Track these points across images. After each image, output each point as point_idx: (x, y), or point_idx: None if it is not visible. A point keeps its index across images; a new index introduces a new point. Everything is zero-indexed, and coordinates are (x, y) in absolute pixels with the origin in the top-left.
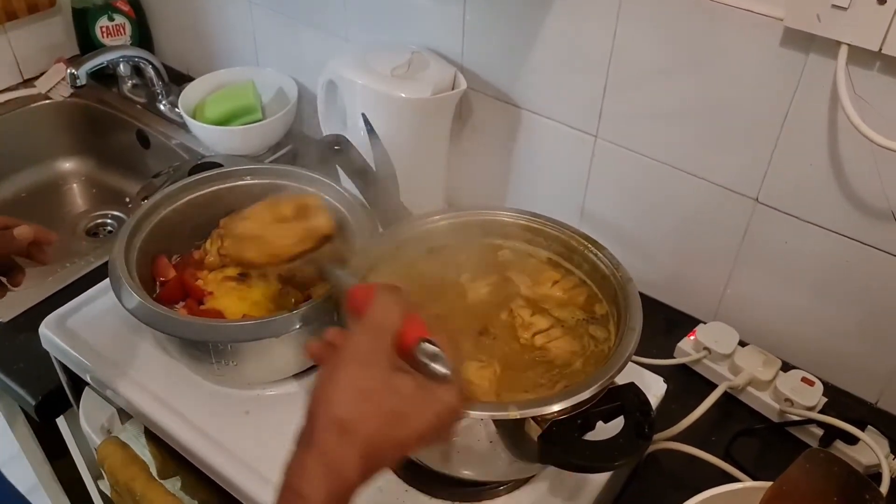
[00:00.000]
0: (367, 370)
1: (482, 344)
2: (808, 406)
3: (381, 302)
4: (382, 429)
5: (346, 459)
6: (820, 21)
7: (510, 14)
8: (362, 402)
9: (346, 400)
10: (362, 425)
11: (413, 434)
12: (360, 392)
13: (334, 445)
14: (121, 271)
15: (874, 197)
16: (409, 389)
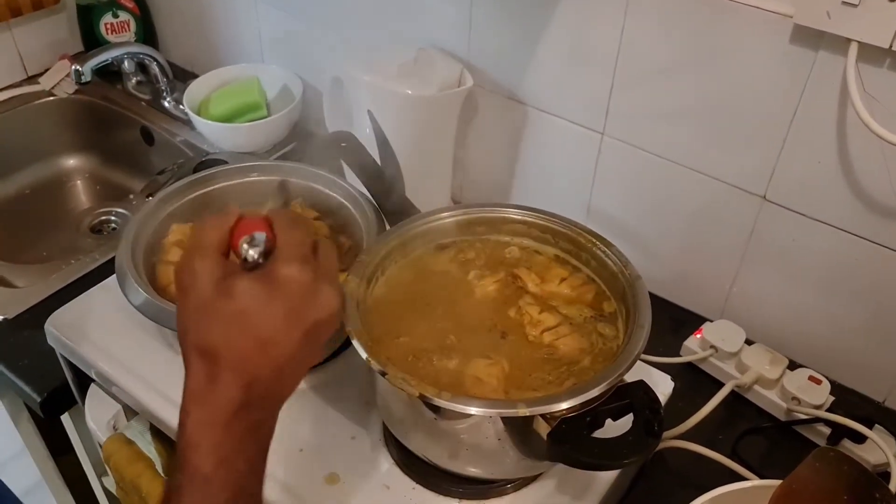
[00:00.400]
0: (193, 288)
1: (490, 341)
2: (816, 404)
3: (206, 220)
4: (238, 338)
5: (229, 392)
6: (830, 18)
7: (517, 11)
8: (201, 319)
9: (188, 324)
10: (216, 342)
11: (278, 327)
12: (195, 312)
13: (200, 371)
14: (127, 268)
15: (883, 195)
16: (246, 288)
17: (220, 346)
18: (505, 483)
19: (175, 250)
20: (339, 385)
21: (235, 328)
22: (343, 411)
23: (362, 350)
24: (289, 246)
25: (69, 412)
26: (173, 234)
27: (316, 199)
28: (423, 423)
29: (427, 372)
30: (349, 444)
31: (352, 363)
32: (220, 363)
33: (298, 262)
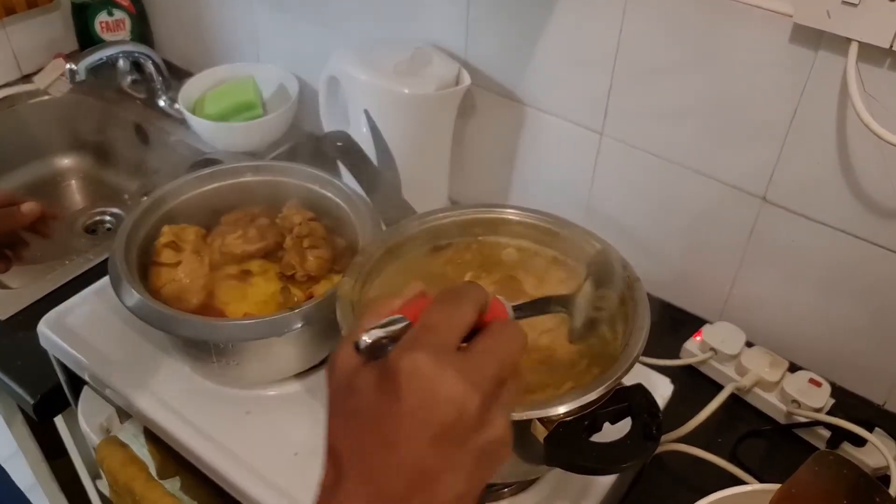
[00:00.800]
0: (334, 377)
1: None
2: (816, 407)
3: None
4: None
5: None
6: (830, 17)
7: (515, 9)
8: (336, 412)
9: (329, 413)
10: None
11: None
12: (329, 405)
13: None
14: (121, 269)
15: (884, 196)
16: (361, 381)
17: (344, 445)
18: (502, 487)
19: (167, 252)
20: None
21: (356, 426)
22: None
23: None
24: (424, 329)
25: (62, 414)
26: (165, 235)
27: (311, 199)
28: None
29: None
30: None
31: None
32: (344, 465)
33: (415, 349)
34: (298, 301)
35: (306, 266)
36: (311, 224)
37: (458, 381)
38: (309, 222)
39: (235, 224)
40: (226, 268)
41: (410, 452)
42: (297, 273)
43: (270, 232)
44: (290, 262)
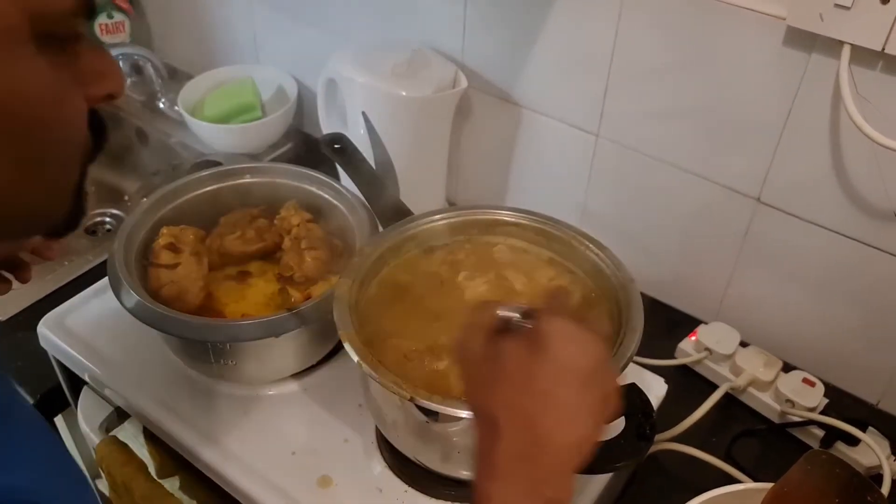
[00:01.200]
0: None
1: None
2: (809, 407)
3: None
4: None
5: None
6: (823, 20)
7: (511, 12)
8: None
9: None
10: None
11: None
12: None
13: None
14: (120, 270)
15: (876, 197)
16: (507, 347)
17: (497, 406)
18: None
19: (166, 253)
20: (332, 388)
21: (507, 386)
22: (336, 414)
23: (353, 353)
24: (555, 309)
25: (62, 415)
26: (164, 237)
27: (309, 200)
28: (415, 426)
29: (418, 373)
30: (342, 447)
31: (344, 366)
32: (500, 422)
33: (558, 315)
34: (296, 302)
35: (304, 267)
36: (309, 226)
37: (595, 337)
38: (307, 224)
39: (234, 225)
40: (224, 269)
41: (561, 395)
42: (294, 274)
43: (269, 233)
44: (289, 263)
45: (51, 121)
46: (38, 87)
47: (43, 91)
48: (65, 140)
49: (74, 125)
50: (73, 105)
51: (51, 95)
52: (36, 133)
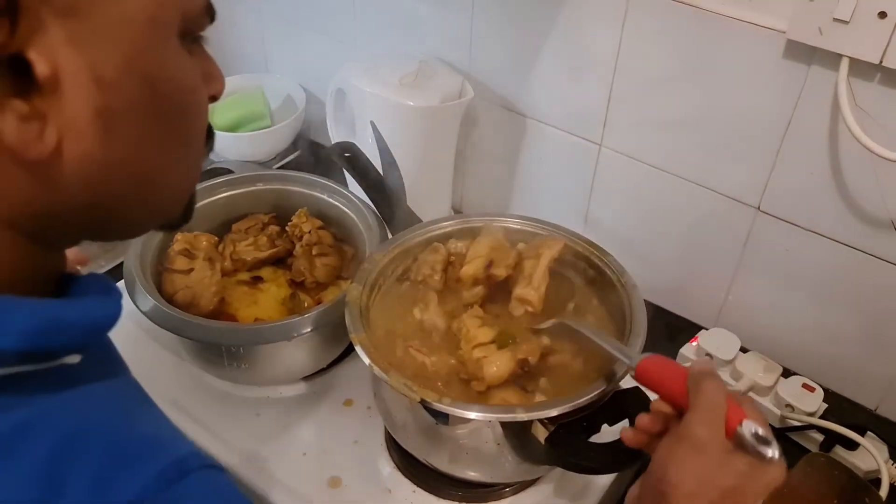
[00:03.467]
0: (707, 455)
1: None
2: (809, 412)
3: (709, 386)
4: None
5: None
6: (822, 34)
7: (517, 24)
8: (708, 485)
9: (692, 484)
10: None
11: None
12: (703, 476)
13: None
14: (136, 275)
15: (874, 207)
16: (743, 468)
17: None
18: (503, 487)
19: (180, 259)
20: (342, 390)
21: (728, 499)
22: (346, 416)
23: (364, 356)
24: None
25: None
26: (178, 243)
27: (319, 208)
28: (424, 428)
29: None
30: (352, 449)
31: (354, 369)
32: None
33: (784, 467)
34: (308, 307)
35: (315, 273)
36: (320, 232)
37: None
38: (318, 231)
39: (246, 232)
40: (237, 274)
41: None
42: (306, 280)
43: (280, 240)
44: (300, 269)
45: (193, 104)
46: (185, 73)
47: (188, 77)
48: (199, 128)
49: (205, 115)
50: (204, 97)
51: (192, 82)
52: (184, 114)
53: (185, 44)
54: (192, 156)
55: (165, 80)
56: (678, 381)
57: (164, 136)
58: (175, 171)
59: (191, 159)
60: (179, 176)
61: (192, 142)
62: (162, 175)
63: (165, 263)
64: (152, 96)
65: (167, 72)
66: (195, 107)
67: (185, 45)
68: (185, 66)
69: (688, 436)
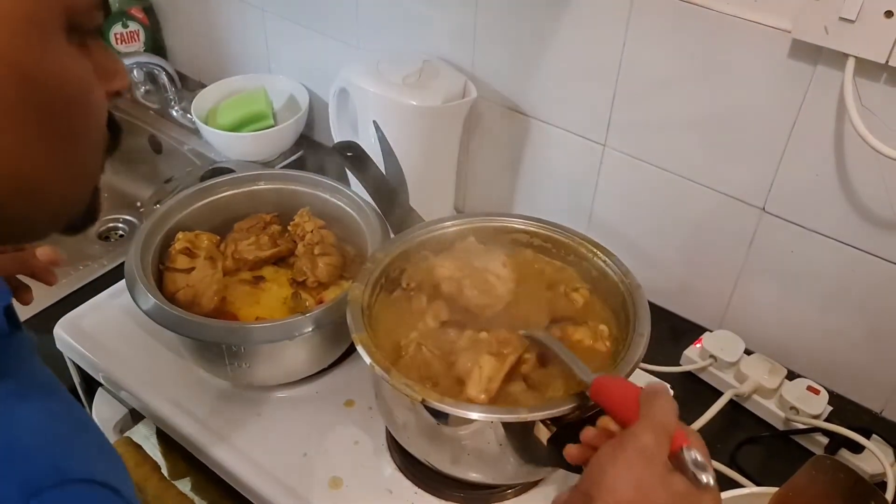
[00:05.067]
0: (649, 467)
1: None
2: (814, 414)
3: (662, 401)
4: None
5: None
6: (828, 33)
7: (520, 24)
8: (642, 495)
9: (628, 491)
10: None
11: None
12: (642, 488)
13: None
14: (137, 273)
15: (880, 207)
16: (681, 489)
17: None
18: (506, 489)
19: (181, 258)
20: (344, 391)
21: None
22: (347, 416)
23: (366, 355)
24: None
25: None
26: (179, 242)
27: (322, 207)
28: (426, 428)
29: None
30: (352, 449)
31: (355, 369)
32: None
33: (719, 498)
34: (309, 306)
35: (317, 272)
36: (322, 232)
37: None
38: (320, 230)
39: (248, 231)
40: (239, 274)
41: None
42: (308, 279)
43: (282, 239)
44: (302, 268)
45: (82, 103)
46: (70, 71)
47: (74, 74)
48: (93, 126)
49: (100, 112)
50: (97, 93)
51: (80, 79)
52: (69, 113)
53: (74, 39)
54: (86, 155)
55: (47, 78)
56: (631, 399)
57: (50, 136)
58: (66, 171)
59: (85, 158)
60: (72, 176)
61: (84, 141)
62: (50, 176)
63: (166, 262)
64: (32, 95)
65: (49, 70)
66: (86, 105)
67: (76, 40)
68: (71, 64)
69: (634, 442)
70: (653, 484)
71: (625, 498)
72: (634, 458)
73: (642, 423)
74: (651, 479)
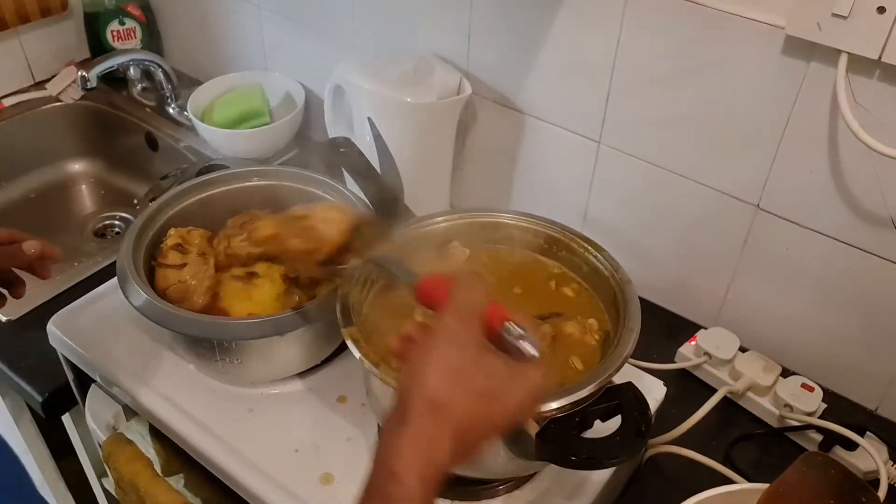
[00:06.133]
0: (459, 351)
1: None
2: (808, 412)
3: (467, 286)
4: (474, 407)
5: (439, 439)
6: (821, 29)
7: (515, 21)
8: (455, 381)
9: (439, 379)
10: (455, 404)
11: (503, 412)
12: (453, 372)
13: (427, 424)
14: (128, 270)
15: (874, 204)
16: (499, 369)
17: (461, 416)
18: (497, 484)
19: (173, 254)
20: (336, 387)
21: (478, 404)
22: (339, 413)
23: (355, 348)
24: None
25: (70, 413)
26: (171, 238)
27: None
28: None
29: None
30: (344, 445)
31: (348, 366)
32: (450, 425)
33: (548, 369)
34: (301, 302)
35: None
36: None
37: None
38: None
39: (241, 227)
40: (231, 269)
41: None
42: (300, 275)
43: None
44: None
45: None
46: None
47: None
48: None
49: None
50: None
51: None
52: None
53: None
54: None
55: None
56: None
57: None
58: None
59: None
60: None
61: None
62: None
63: (158, 258)
64: None
65: None
66: None
67: None
68: None
69: (441, 331)
70: (465, 367)
71: (438, 388)
72: (443, 347)
73: (447, 310)
74: (463, 363)
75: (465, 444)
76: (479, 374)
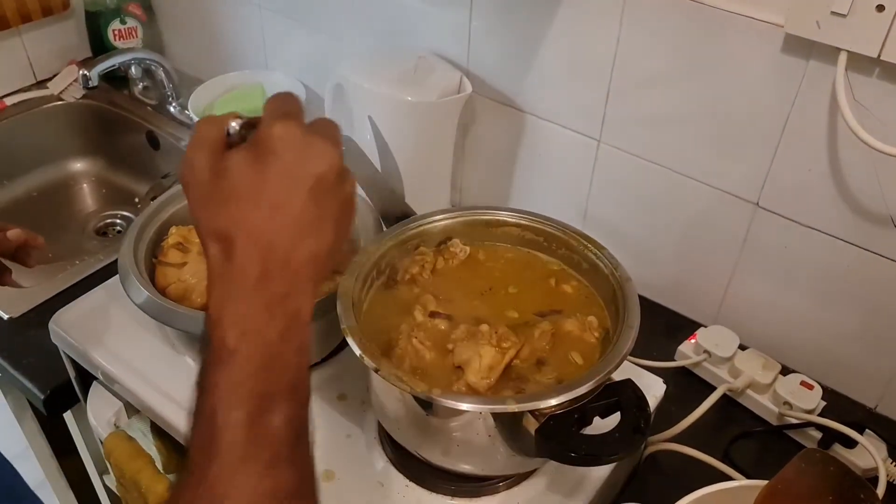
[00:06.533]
0: (196, 174)
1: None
2: (807, 409)
3: (197, 123)
4: (246, 215)
5: (245, 265)
6: (820, 28)
7: (515, 20)
8: (206, 206)
9: (198, 217)
10: (225, 222)
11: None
12: (199, 200)
13: (218, 255)
14: (130, 267)
15: (873, 202)
16: (234, 162)
17: (228, 224)
18: (497, 481)
19: (174, 253)
20: (336, 385)
21: (236, 202)
22: (339, 410)
23: (356, 346)
24: (271, 110)
25: (72, 410)
26: (172, 236)
27: None
28: (416, 420)
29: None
30: (345, 442)
31: (348, 364)
32: (233, 240)
33: (281, 119)
34: None
35: None
36: None
37: (324, 139)
38: None
39: None
40: None
41: (294, 206)
42: None
43: None
44: None
45: None
46: None
47: None
48: None
49: None
50: None
51: None
52: None
53: None
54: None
55: None
56: None
57: None
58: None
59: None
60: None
61: None
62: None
63: (159, 256)
64: None
65: None
66: None
67: None
68: None
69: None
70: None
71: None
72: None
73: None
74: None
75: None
76: (221, 182)
